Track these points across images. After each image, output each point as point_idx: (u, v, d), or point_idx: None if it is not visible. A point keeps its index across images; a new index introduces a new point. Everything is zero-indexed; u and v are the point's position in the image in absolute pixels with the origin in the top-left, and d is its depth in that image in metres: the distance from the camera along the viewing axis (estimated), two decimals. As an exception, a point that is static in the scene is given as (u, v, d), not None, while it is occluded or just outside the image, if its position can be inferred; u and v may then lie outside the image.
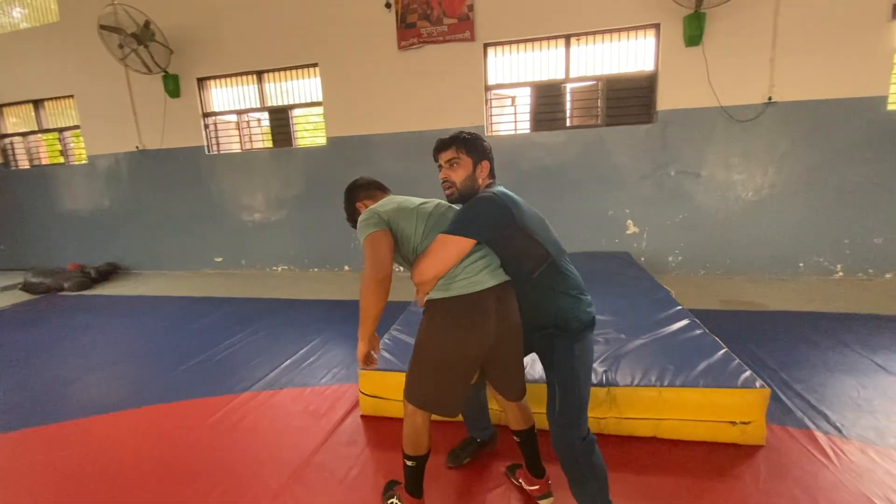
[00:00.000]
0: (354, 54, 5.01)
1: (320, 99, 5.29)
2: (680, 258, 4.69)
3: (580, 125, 4.78)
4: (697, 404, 1.95)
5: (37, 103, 6.33)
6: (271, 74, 5.42)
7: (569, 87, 4.74)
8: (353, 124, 5.21)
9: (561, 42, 4.60)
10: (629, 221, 4.74)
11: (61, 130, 6.34)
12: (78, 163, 6.33)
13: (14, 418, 2.51)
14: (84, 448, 2.20)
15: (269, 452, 2.09)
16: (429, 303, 1.48)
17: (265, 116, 5.64)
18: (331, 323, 3.79)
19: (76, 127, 6.21)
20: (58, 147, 6.45)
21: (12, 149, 6.62)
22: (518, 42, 4.70)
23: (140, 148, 5.86)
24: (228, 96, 5.64)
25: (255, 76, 5.43)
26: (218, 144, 5.79)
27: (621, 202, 4.72)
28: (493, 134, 4.96)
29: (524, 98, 4.89)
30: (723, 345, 2.29)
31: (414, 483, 1.60)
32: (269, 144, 5.68)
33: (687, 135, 4.44)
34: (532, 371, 2.12)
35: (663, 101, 4.44)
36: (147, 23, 4.93)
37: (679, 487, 1.75)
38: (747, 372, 2.01)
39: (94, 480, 1.96)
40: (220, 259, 6.00)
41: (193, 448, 2.15)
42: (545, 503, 1.66)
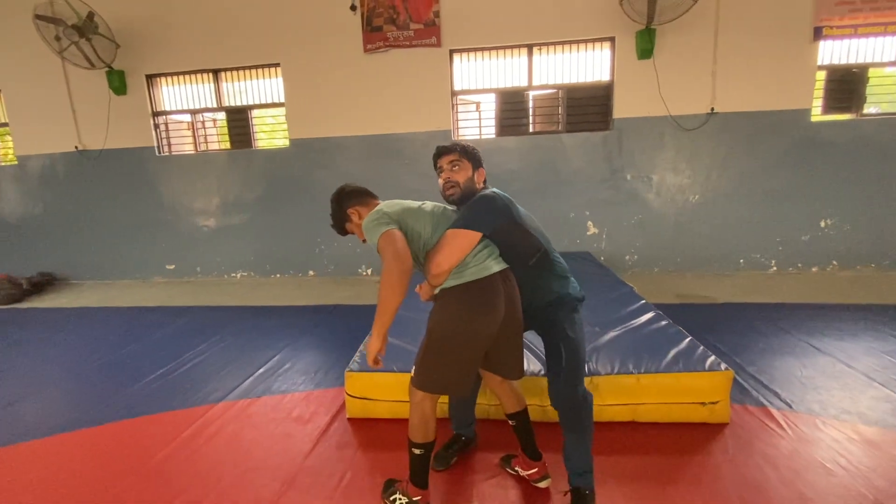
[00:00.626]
0: (319, 55, 4.94)
1: (282, 100, 5.16)
2: (636, 257, 4.99)
3: (542, 131, 4.98)
4: (671, 388, 2.11)
5: (-46, 98, 5.71)
6: (229, 73, 5.22)
7: (531, 95, 4.93)
8: (317, 126, 5.12)
9: (524, 51, 4.78)
10: (589, 223, 4.99)
11: (-16, 128, 5.76)
12: (5, 164, 5.76)
13: (-46, 444, 2.27)
14: (40, 471, 2.03)
15: (257, 461, 2.03)
16: (443, 291, 1.58)
17: (222, 116, 5.41)
18: (302, 329, 3.70)
19: (4, 125, 5.65)
20: (-21, 146, 5.84)
21: (-78, 147, 5.92)
22: (483, 49, 4.84)
23: (80, 148, 5.43)
24: (181, 95, 5.36)
25: (212, 74, 5.20)
26: (170, 145, 5.49)
27: (582, 205, 4.95)
28: (460, 138, 5.05)
29: (488, 104, 5.03)
30: (687, 334, 2.49)
31: (421, 473, 1.63)
32: (227, 146, 5.46)
33: (640, 142, 4.75)
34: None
35: (619, 110, 4.73)
36: (91, 14, 4.59)
37: (659, 466, 1.88)
38: (712, 357, 2.20)
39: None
40: (173, 267, 5.67)
41: (170, 462, 2.05)
42: (544, 484, 1.73)
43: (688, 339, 2.40)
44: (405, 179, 5.08)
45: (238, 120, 5.33)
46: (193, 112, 5.37)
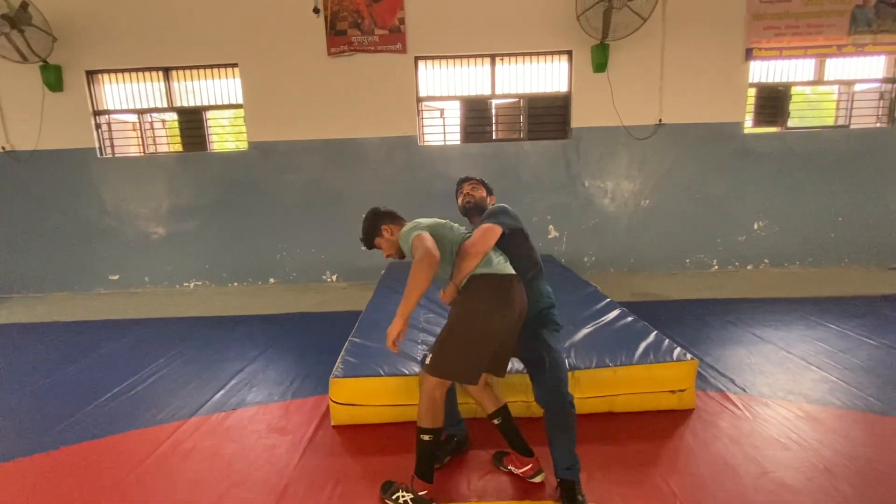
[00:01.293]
0: (280, 57, 4.81)
1: (240, 101, 4.98)
2: (594, 258, 5.26)
3: (505, 139, 5.14)
4: (645, 379, 2.27)
5: None
6: (181, 72, 4.96)
7: (494, 103, 5.08)
8: (279, 129, 4.98)
9: (487, 60, 4.93)
10: (551, 227, 5.20)
11: None
12: (-88, 165, 5.12)
13: None
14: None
15: (241, 475, 1.96)
16: (472, 278, 1.73)
17: (173, 117, 5.13)
18: (270, 338, 3.58)
19: (-89, 121, 5.03)
20: None
21: None
22: (448, 58, 4.93)
23: (7, 148, 4.94)
24: (127, 93, 5.02)
25: (162, 73, 4.92)
26: (113, 147, 5.12)
27: (543, 210, 5.16)
28: (426, 144, 5.10)
29: (453, 111, 5.12)
30: (653, 328, 2.67)
31: (428, 464, 1.70)
32: (179, 148, 5.17)
33: (597, 150, 5.03)
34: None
35: (576, 119, 4.98)
36: (24, 4, 4.21)
37: (637, 451, 2.01)
38: (678, 348, 2.39)
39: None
40: (117, 277, 5.27)
41: (146, 482, 1.92)
42: (538, 479, 1.81)
43: (654, 333, 2.58)
44: (370, 184, 5.06)
45: (191, 121, 5.07)
46: (141, 112, 5.05)
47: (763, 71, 4.93)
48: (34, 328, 4.11)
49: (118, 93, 5.03)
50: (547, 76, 4.99)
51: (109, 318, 4.29)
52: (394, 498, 1.69)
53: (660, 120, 4.93)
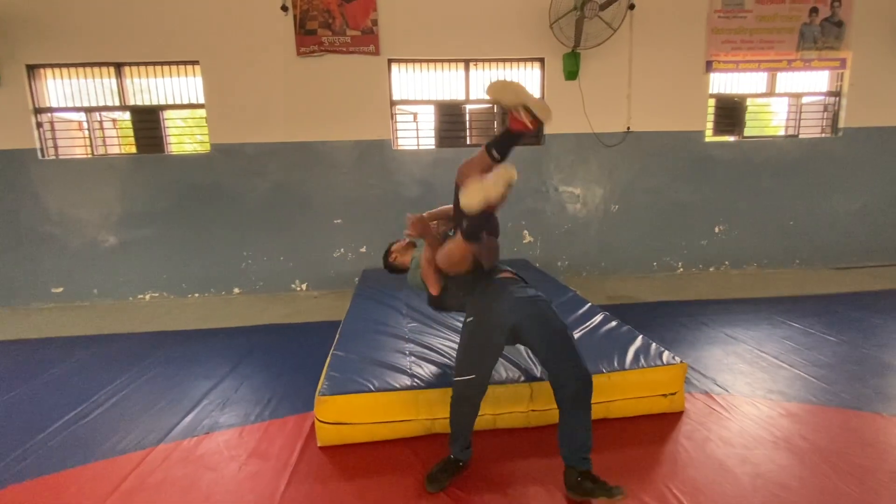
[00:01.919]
0: (246, 55, 4.58)
1: (201, 100, 4.70)
2: (567, 263, 5.33)
3: (480, 144, 5.12)
4: (638, 383, 2.27)
5: None
6: (135, 68, 4.62)
7: (468, 108, 5.06)
8: (245, 131, 4.73)
9: (461, 65, 4.90)
10: (525, 232, 5.23)
11: None
12: None
13: None
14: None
15: (224, 506, 1.79)
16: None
17: (126, 117, 4.76)
18: (240, 353, 3.36)
19: None
20: None
21: None
22: (421, 61, 4.87)
23: (-71, 148, 4.42)
24: (73, 90, 4.62)
25: (114, 68, 4.56)
26: (56, 148, 4.69)
27: (518, 215, 5.18)
28: (400, 148, 5.01)
29: (426, 115, 5.06)
30: (638, 332, 2.70)
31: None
32: (132, 149, 4.81)
33: (569, 156, 5.11)
34: (500, 372, 2.23)
35: (549, 126, 5.01)
36: (-49, -12, 3.79)
37: (636, 458, 2.00)
38: (666, 351, 2.42)
39: None
40: (60, 290, 4.82)
41: (113, 522, 1.72)
42: None
43: (641, 337, 2.61)
44: (341, 189, 4.90)
45: (146, 121, 4.73)
46: (89, 110, 4.65)
47: (722, 83, 5.19)
48: (-37, 349, 3.67)
49: (63, 89, 4.62)
50: (520, 83, 5.01)
51: (54, 336, 3.90)
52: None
53: (628, 128, 5.07)
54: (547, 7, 4.55)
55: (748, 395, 2.50)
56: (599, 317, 3.00)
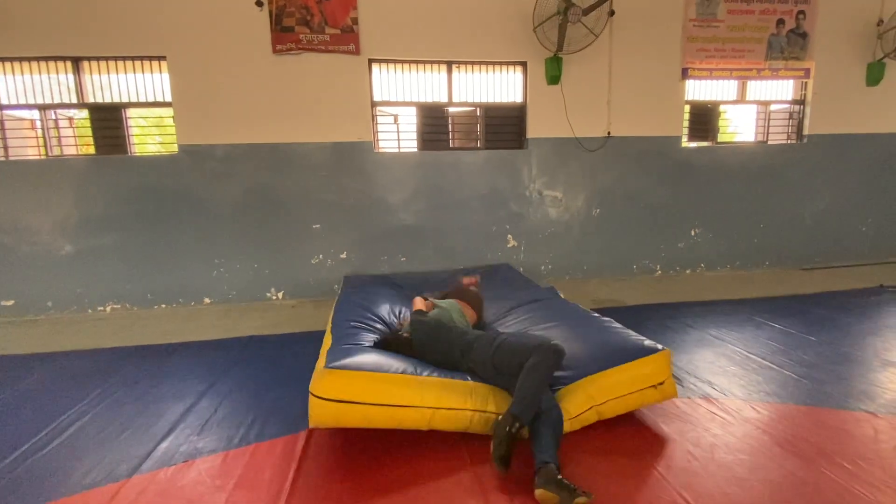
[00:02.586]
0: (217, 51, 4.35)
1: (167, 98, 4.42)
2: (550, 266, 5.32)
3: (463, 147, 5.07)
4: (626, 380, 2.20)
5: None
6: (95, 63, 4.30)
7: (451, 111, 4.98)
8: (216, 131, 4.48)
9: (443, 67, 4.83)
10: (509, 236, 5.19)
11: None
12: None
13: None
14: None
15: (211, 544, 1.61)
16: None
17: (84, 115, 4.42)
18: (216, 369, 3.13)
19: None
20: None
21: None
22: (403, 62, 4.76)
23: None
24: (25, 86, 4.24)
25: (71, 63, 4.23)
26: (7, 148, 4.30)
27: (502, 219, 5.13)
28: (381, 151, 4.87)
29: (408, 117, 4.95)
30: (618, 324, 2.69)
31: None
32: (91, 150, 4.47)
33: (551, 160, 5.11)
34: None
35: (532, 130, 5.03)
36: None
37: (637, 466, 1.95)
38: (646, 340, 2.40)
39: None
40: (11, 303, 4.41)
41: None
42: None
43: (619, 327, 2.62)
44: (319, 192, 4.72)
45: (106, 120, 4.41)
46: (43, 108, 4.29)
47: (696, 90, 5.33)
48: None
49: (14, 85, 4.24)
50: (503, 86, 5.00)
51: (4, 354, 3.54)
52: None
53: (608, 133, 5.12)
54: (530, 11, 4.54)
55: (746, 399, 2.51)
56: (583, 315, 3.01)
